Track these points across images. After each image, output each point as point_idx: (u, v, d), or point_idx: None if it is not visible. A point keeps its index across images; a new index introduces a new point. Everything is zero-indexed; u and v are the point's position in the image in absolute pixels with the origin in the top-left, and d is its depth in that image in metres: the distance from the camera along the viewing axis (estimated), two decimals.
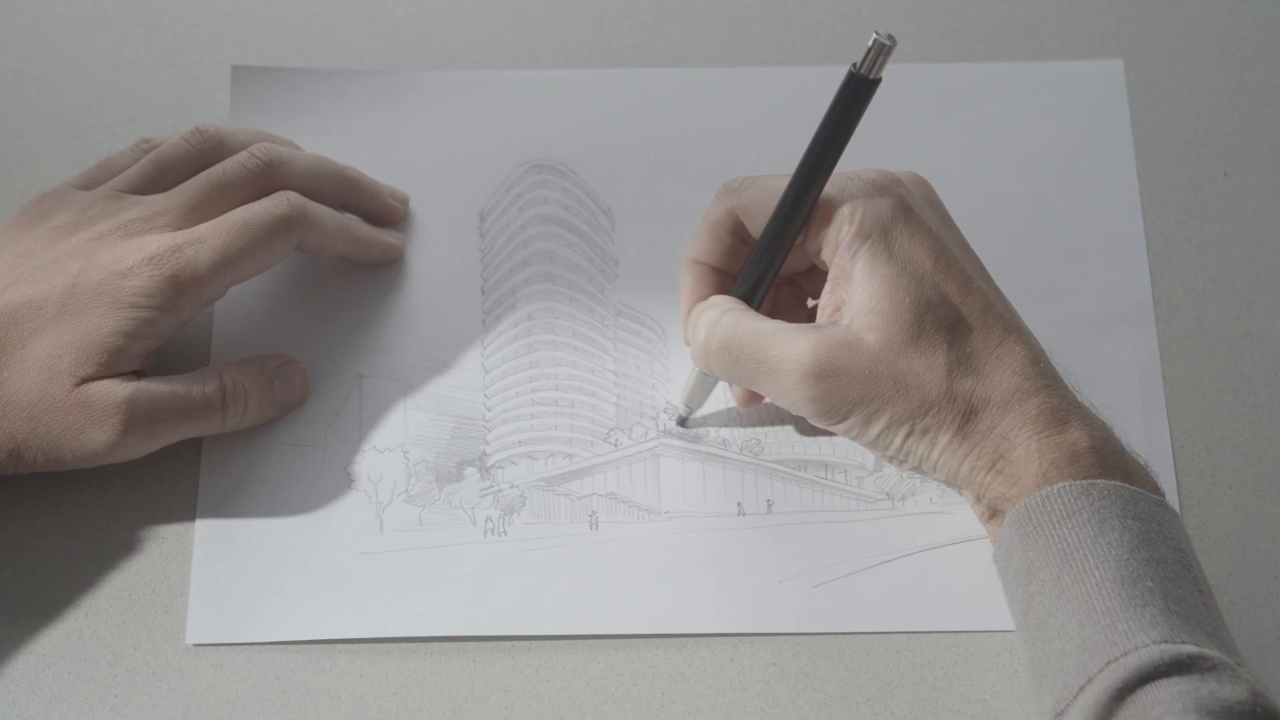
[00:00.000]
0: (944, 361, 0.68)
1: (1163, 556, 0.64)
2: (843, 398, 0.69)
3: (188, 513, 0.75)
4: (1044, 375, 0.68)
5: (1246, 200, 0.83)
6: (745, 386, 0.73)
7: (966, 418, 0.68)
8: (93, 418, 0.71)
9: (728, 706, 0.72)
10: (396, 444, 0.77)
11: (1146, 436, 0.77)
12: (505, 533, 0.75)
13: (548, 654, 0.73)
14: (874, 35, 0.67)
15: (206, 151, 0.77)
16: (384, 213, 0.81)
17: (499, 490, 0.76)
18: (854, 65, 0.68)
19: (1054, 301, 0.79)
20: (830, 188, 0.70)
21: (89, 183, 0.77)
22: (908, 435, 0.69)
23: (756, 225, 0.72)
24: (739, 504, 0.76)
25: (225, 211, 0.75)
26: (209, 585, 0.73)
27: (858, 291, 0.69)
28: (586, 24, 0.87)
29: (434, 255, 0.81)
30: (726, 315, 0.71)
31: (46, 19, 0.87)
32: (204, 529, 0.75)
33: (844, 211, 0.69)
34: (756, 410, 0.78)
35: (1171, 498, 0.75)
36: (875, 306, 0.68)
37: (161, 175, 0.76)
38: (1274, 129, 0.84)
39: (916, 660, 0.72)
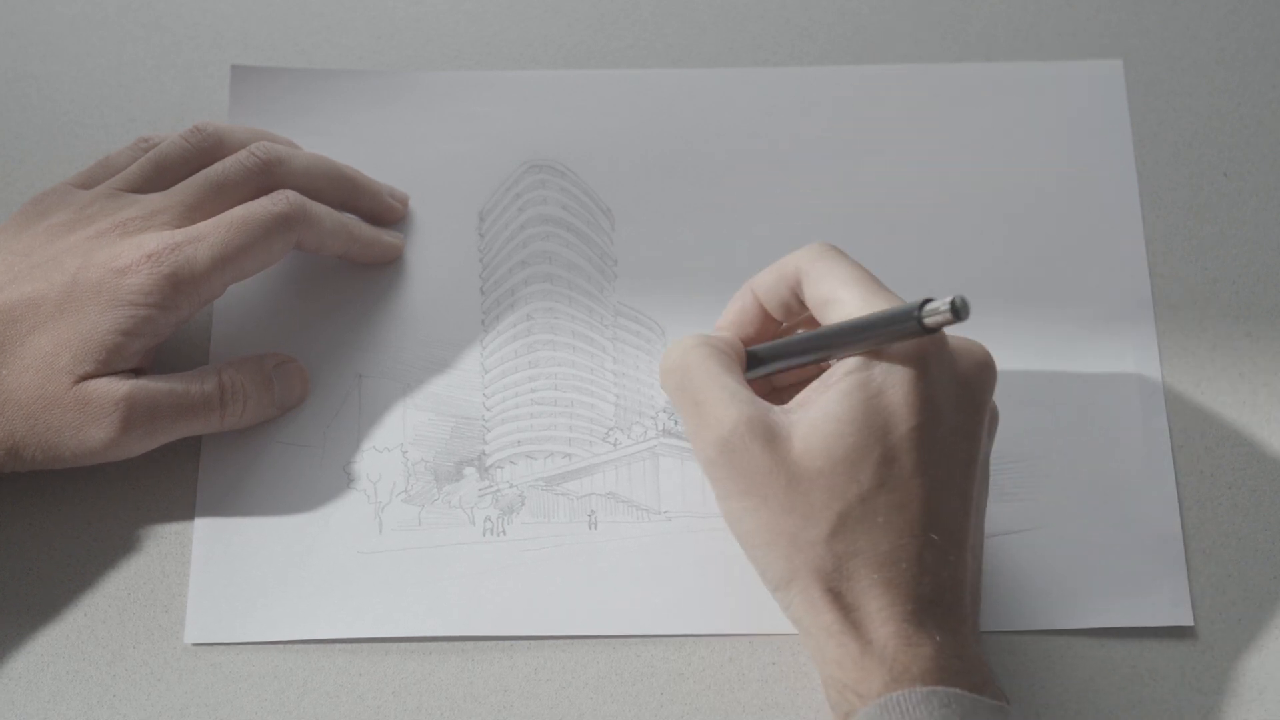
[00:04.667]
0: (839, 510, 0.66)
1: None
2: (730, 476, 0.67)
3: (186, 512, 0.75)
4: (928, 571, 0.66)
5: (1246, 200, 0.83)
6: (676, 412, 0.72)
7: (834, 574, 0.66)
8: (91, 415, 0.70)
9: (727, 706, 0.71)
10: (395, 444, 0.77)
11: (1146, 436, 0.77)
12: (504, 532, 0.75)
13: (547, 654, 0.73)
14: (951, 299, 0.63)
15: (205, 150, 0.77)
16: (383, 212, 0.81)
17: (498, 490, 0.76)
18: (920, 309, 0.64)
19: (1054, 301, 0.79)
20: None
21: (88, 181, 0.77)
22: (769, 548, 0.67)
23: (808, 296, 0.70)
24: None
25: (224, 210, 0.75)
26: (208, 584, 0.73)
27: (821, 403, 0.67)
28: (586, 24, 0.87)
29: (434, 255, 0.81)
30: (704, 348, 0.70)
31: (46, 19, 0.86)
32: (203, 528, 0.75)
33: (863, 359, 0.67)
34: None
35: (1172, 497, 0.75)
36: (819, 425, 0.66)
37: (160, 174, 0.76)
38: (1274, 129, 0.84)
39: None
